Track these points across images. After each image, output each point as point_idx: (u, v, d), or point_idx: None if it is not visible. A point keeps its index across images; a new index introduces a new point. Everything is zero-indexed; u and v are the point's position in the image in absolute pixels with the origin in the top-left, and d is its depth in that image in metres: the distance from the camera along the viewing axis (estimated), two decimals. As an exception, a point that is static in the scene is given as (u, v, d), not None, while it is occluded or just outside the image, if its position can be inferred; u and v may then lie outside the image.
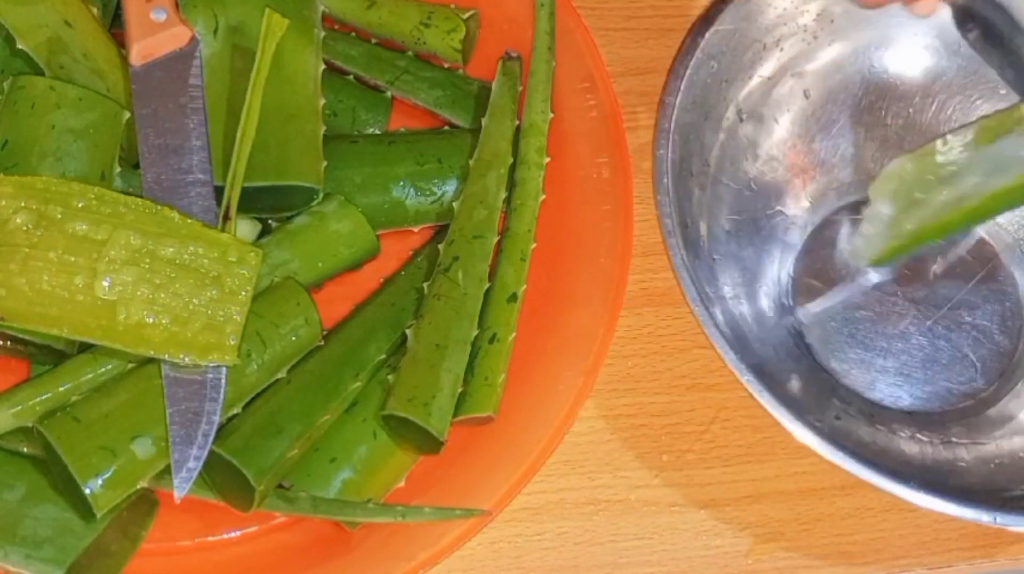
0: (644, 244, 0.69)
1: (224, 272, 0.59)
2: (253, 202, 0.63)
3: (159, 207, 0.59)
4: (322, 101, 0.66)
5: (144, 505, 0.60)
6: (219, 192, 0.62)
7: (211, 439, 0.58)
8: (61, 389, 0.59)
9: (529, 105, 0.69)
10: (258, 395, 0.61)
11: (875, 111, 0.72)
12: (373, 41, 0.71)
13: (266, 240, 0.64)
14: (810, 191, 0.72)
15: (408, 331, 0.63)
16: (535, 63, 0.70)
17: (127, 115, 0.63)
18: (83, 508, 0.57)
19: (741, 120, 0.70)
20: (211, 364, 0.58)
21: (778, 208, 0.71)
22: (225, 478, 0.59)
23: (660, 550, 0.64)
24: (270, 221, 0.65)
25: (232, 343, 0.58)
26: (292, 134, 0.64)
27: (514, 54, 0.71)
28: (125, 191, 0.61)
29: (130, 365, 0.59)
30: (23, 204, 0.58)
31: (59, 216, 0.58)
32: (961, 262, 0.70)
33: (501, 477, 0.61)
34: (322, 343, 0.63)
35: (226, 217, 0.61)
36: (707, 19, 0.67)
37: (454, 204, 0.66)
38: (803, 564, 0.65)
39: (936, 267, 0.69)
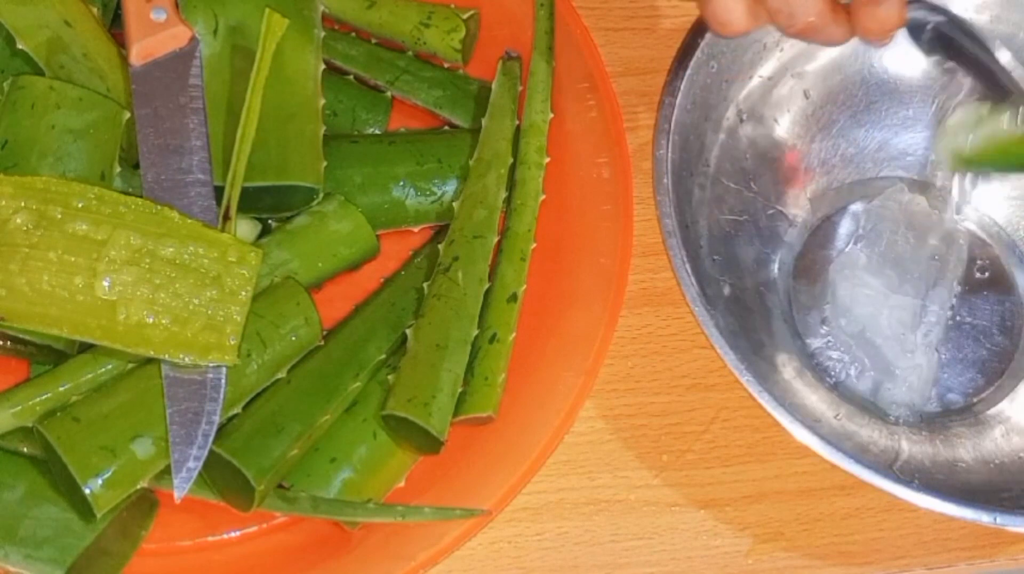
0: (644, 244, 0.69)
1: (224, 272, 0.59)
2: (253, 202, 0.63)
3: (159, 207, 0.59)
4: (322, 101, 0.66)
5: (144, 505, 0.60)
6: (219, 192, 0.62)
7: (211, 439, 0.57)
8: (61, 389, 0.59)
9: (529, 105, 0.69)
10: (258, 395, 0.61)
11: (875, 111, 0.72)
12: (373, 41, 0.71)
13: (266, 240, 0.64)
14: (810, 191, 0.72)
15: (408, 331, 0.63)
16: (535, 63, 0.70)
17: (127, 115, 0.63)
18: (83, 508, 0.57)
19: (741, 120, 0.70)
20: (211, 364, 0.58)
21: (778, 208, 0.71)
22: (225, 478, 0.59)
23: (660, 550, 0.64)
24: (270, 221, 0.65)
25: (232, 343, 0.58)
26: (292, 134, 0.64)
27: (514, 54, 0.71)
28: (125, 191, 0.61)
29: (130, 365, 0.59)
30: (23, 204, 0.58)
31: (59, 216, 0.58)
32: (961, 262, 0.70)
33: (501, 477, 0.61)
34: (322, 343, 0.63)
35: (226, 217, 0.61)
36: (707, 19, 0.66)
37: (454, 204, 0.66)
38: (803, 564, 0.65)
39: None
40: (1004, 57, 0.61)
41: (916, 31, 0.62)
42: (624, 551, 0.64)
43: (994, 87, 0.62)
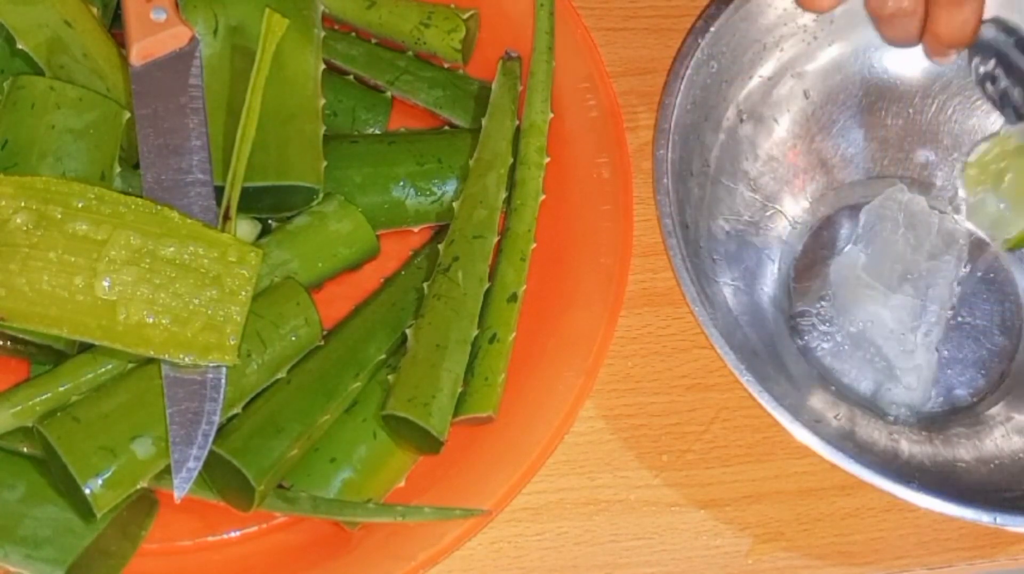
0: (644, 244, 0.69)
1: (224, 272, 0.59)
2: (253, 202, 0.63)
3: (159, 207, 0.59)
4: (322, 101, 0.66)
5: (144, 505, 0.60)
6: (219, 192, 0.62)
7: (211, 439, 0.57)
8: (61, 389, 0.59)
9: (529, 105, 0.69)
10: (258, 395, 0.61)
11: (875, 111, 0.72)
12: (373, 41, 0.71)
13: (266, 240, 0.64)
14: (810, 191, 0.72)
15: (408, 331, 0.63)
16: (535, 63, 0.70)
17: (127, 115, 0.63)
18: (83, 508, 0.57)
19: (741, 120, 0.70)
20: (211, 364, 0.58)
21: (778, 208, 0.71)
22: (225, 478, 0.59)
23: (660, 550, 0.64)
24: (270, 221, 0.65)
25: (232, 343, 0.58)
26: (292, 134, 0.64)
27: (514, 54, 0.71)
28: (125, 191, 0.61)
29: (130, 365, 0.59)
30: (23, 204, 0.58)
31: (59, 216, 0.58)
32: (961, 262, 0.70)
33: (501, 477, 0.61)
34: (322, 343, 0.63)
35: (226, 217, 0.61)
36: (707, 19, 0.67)
37: (454, 204, 0.66)
38: (803, 564, 0.65)
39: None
40: None
41: (980, 75, 0.62)
42: (624, 551, 0.64)
43: None
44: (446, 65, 0.71)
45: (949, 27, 0.54)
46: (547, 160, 0.68)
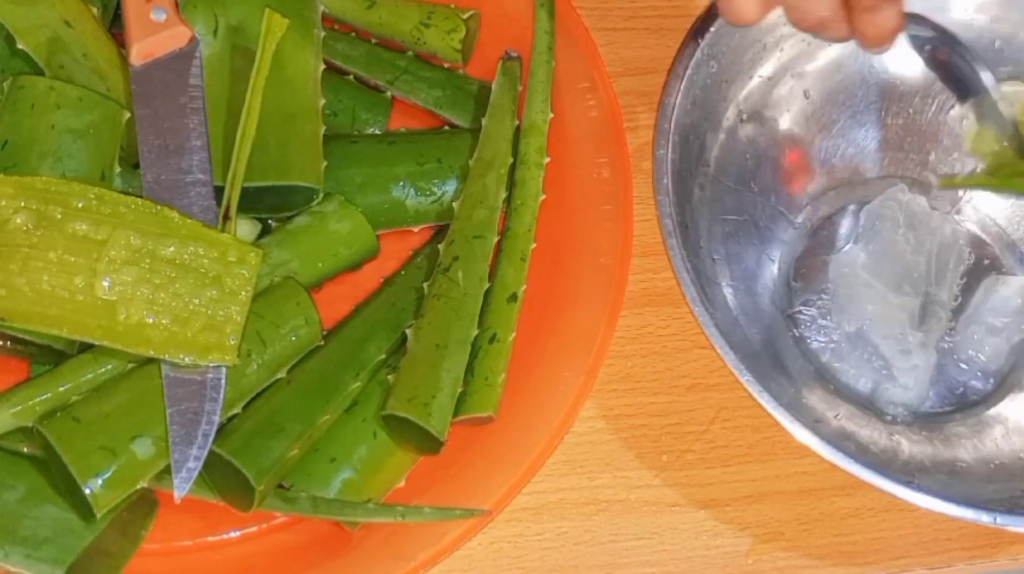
0: (644, 244, 0.69)
1: (224, 272, 0.59)
2: (253, 202, 0.63)
3: (159, 207, 0.59)
4: (322, 101, 0.66)
5: (144, 505, 0.60)
6: (219, 192, 0.62)
7: (211, 439, 0.57)
8: (61, 389, 0.59)
9: (529, 105, 0.69)
10: (258, 395, 0.61)
11: (875, 111, 0.72)
12: (373, 41, 0.71)
13: (266, 240, 0.64)
14: (810, 191, 0.72)
15: (408, 331, 0.63)
16: (535, 63, 0.70)
17: (127, 115, 0.63)
18: (83, 508, 0.57)
19: (741, 120, 0.70)
20: (211, 364, 0.58)
21: (778, 208, 0.71)
22: (225, 478, 0.59)
23: (660, 550, 0.64)
24: (270, 221, 0.65)
25: (232, 343, 0.58)
26: (292, 134, 0.64)
27: (514, 54, 0.71)
28: (125, 191, 0.61)
29: (130, 365, 0.59)
30: (23, 204, 0.58)
31: (59, 216, 0.58)
32: (961, 262, 0.70)
33: (501, 477, 0.61)
34: (322, 343, 0.63)
35: (226, 217, 0.61)
36: (707, 19, 0.67)
37: (454, 204, 0.67)
38: (803, 564, 0.65)
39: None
40: (988, 80, 0.62)
41: (917, 45, 0.63)
42: (624, 551, 0.64)
43: (978, 111, 0.63)
44: (446, 65, 0.71)
45: (871, 29, 0.57)
46: (547, 160, 0.68)
